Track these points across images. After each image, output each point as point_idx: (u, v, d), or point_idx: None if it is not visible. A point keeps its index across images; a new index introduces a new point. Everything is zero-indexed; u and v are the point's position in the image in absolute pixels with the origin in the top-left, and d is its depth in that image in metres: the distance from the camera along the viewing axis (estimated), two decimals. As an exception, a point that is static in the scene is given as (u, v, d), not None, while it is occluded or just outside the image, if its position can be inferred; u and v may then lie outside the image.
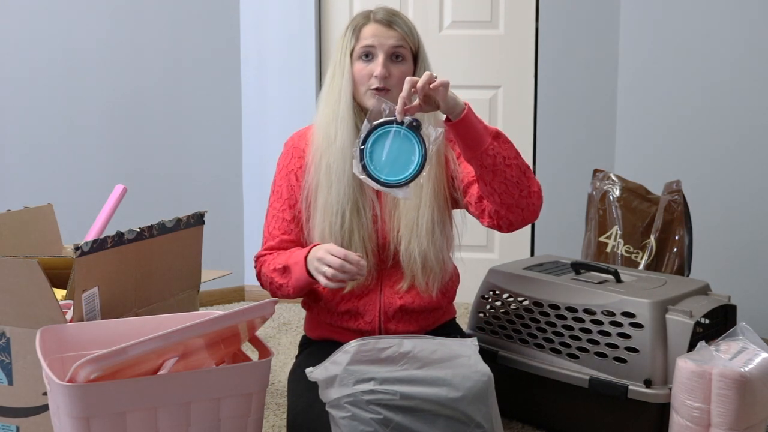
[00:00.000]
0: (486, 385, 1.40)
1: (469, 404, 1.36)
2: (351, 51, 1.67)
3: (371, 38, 1.66)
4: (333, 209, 1.66)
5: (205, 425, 1.28)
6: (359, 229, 1.67)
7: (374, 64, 1.65)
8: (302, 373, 1.67)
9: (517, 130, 3.14)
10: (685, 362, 1.58)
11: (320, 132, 1.70)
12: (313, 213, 1.70)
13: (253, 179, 3.24)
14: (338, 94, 1.68)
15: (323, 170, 1.68)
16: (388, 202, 1.71)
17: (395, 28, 1.67)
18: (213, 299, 3.20)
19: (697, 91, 2.77)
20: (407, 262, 1.70)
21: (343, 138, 1.65)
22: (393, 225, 1.70)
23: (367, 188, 1.68)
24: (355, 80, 1.67)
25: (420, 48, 1.71)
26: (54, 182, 2.98)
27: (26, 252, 1.90)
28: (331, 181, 1.66)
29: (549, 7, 3.02)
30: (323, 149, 1.68)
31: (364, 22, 1.68)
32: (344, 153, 1.65)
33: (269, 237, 1.76)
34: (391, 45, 1.66)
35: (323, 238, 1.67)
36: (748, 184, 2.68)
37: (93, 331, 1.43)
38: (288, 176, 1.76)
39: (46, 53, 2.94)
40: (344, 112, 1.67)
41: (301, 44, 3.15)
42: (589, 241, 2.42)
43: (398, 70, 1.66)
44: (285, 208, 1.75)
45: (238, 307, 1.32)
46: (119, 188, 2.11)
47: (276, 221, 1.76)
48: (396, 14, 1.70)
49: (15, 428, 1.51)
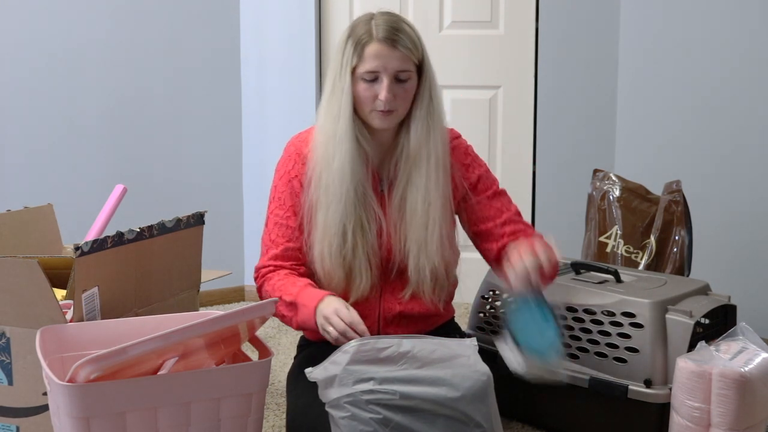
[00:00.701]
0: (485, 385, 1.40)
1: (468, 404, 1.36)
2: (353, 68, 1.62)
3: (375, 61, 1.60)
4: (332, 230, 1.63)
5: (205, 425, 1.29)
6: (363, 245, 1.65)
7: (379, 86, 1.60)
8: (301, 373, 1.67)
9: (517, 130, 3.14)
10: (685, 362, 1.58)
11: (319, 149, 1.66)
12: (312, 229, 1.67)
13: (253, 180, 3.23)
14: (337, 113, 1.63)
15: (322, 189, 1.65)
16: (392, 214, 1.69)
17: (399, 48, 1.60)
18: (213, 299, 3.20)
19: (697, 91, 2.77)
20: (416, 278, 1.69)
21: (342, 159, 1.62)
22: (399, 238, 1.68)
23: (371, 203, 1.67)
24: (358, 99, 1.63)
25: (424, 58, 1.66)
26: (54, 182, 2.97)
27: (26, 252, 1.90)
28: (329, 202, 1.64)
29: (549, 7, 3.02)
30: (322, 167, 1.65)
31: (366, 39, 1.61)
32: (343, 173, 1.62)
33: (271, 245, 1.71)
34: (396, 68, 1.60)
35: (322, 259, 1.65)
36: (748, 184, 2.68)
37: (93, 331, 1.43)
38: (291, 182, 1.71)
39: (46, 53, 2.94)
40: (343, 132, 1.62)
41: (301, 44, 3.15)
42: (589, 241, 2.42)
43: (403, 90, 1.63)
44: (289, 215, 1.70)
45: (238, 307, 1.32)
46: (119, 188, 2.11)
47: (279, 228, 1.71)
48: (398, 29, 1.62)
49: (15, 428, 1.51)
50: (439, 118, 1.69)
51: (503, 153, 3.15)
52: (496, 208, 1.75)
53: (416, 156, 1.66)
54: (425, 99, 1.66)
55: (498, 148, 3.15)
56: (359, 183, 1.64)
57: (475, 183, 1.76)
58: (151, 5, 3.05)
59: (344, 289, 1.68)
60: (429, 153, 1.66)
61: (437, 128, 1.67)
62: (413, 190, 1.66)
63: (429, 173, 1.65)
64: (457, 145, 1.77)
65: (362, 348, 1.36)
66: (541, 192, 3.12)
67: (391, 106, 1.62)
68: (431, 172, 1.66)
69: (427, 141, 1.65)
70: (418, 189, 1.66)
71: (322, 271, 1.67)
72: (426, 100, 1.66)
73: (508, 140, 3.15)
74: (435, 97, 1.68)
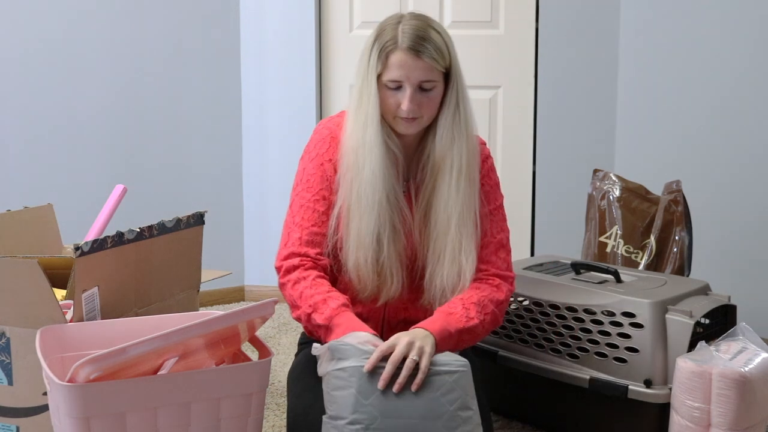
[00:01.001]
0: (463, 374, 1.42)
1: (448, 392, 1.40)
2: (378, 75, 1.59)
3: (398, 70, 1.57)
4: (366, 240, 1.60)
5: (205, 425, 1.29)
6: (396, 248, 1.62)
7: (402, 95, 1.58)
8: (301, 372, 1.67)
9: (517, 130, 3.15)
10: (685, 362, 1.58)
11: (350, 155, 1.62)
12: (345, 237, 1.63)
13: (253, 179, 3.23)
14: (365, 120, 1.60)
15: (354, 196, 1.61)
16: (418, 219, 1.66)
17: (423, 58, 1.56)
18: (213, 299, 3.20)
19: (697, 91, 2.77)
20: (429, 286, 1.65)
21: (372, 167, 1.59)
22: (423, 244, 1.66)
23: (402, 206, 1.64)
24: (384, 105, 1.60)
25: (452, 64, 1.62)
26: (54, 182, 2.97)
27: (26, 252, 1.90)
28: (362, 212, 1.60)
29: (549, 7, 3.02)
30: (353, 174, 1.61)
31: (392, 47, 1.57)
32: (375, 181, 1.59)
33: (296, 228, 1.63)
34: (419, 79, 1.57)
35: (357, 268, 1.61)
36: (748, 184, 2.68)
37: (93, 331, 1.43)
38: (323, 165, 1.65)
39: (45, 53, 2.94)
40: (372, 139, 1.59)
41: (301, 44, 3.15)
42: (589, 241, 2.42)
43: (427, 98, 1.59)
44: (317, 199, 1.64)
45: (238, 307, 1.32)
46: (119, 188, 2.11)
47: (305, 211, 1.64)
48: (425, 39, 1.56)
49: (15, 428, 1.51)
50: (466, 126, 1.64)
51: (503, 153, 3.15)
52: (483, 228, 1.69)
53: (441, 163, 1.62)
54: (451, 106, 1.62)
55: (498, 148, 3.15)
56: (391, 188, 1.61)
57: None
58: (151, 5, 3.05)
59: (376, 293, 1.65)
60: (453, 162, 1.61)
61: (463, 136, 1.63)
62: (438, 197, 1.63)
63: (451, 182, 1.61)
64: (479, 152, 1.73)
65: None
66: (541, 192, 3.12)
67: (414, 114, 1.59)
68: (453, 181, 1.61)
69: (450, 149, 1.62)
70: (441, 197, 1.62)
71: (357, 279, 1.63)
72: (452, 107, 1.62)
73: (508, 140, 3.15)
74: (462, 105, 1.63)
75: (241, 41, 3.18)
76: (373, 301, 1.67)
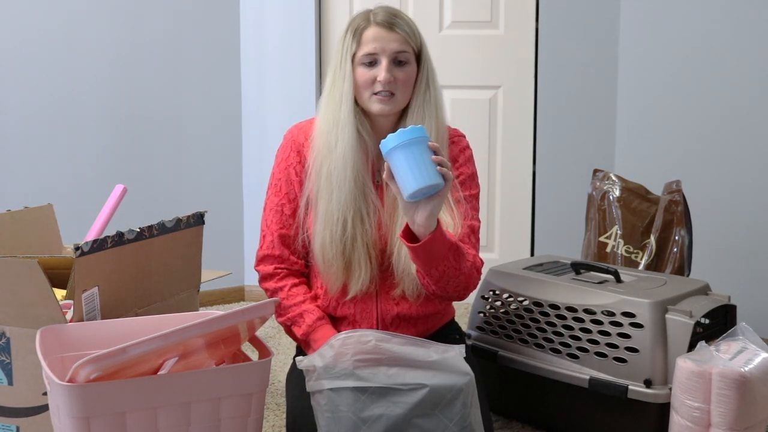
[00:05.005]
0: (465, 386, 1.39)
1: (447, 406, 1.37)
2: (352, 56, 1.65)
3: (373, 43, 1.63)
4: (333, 217, 1.64)
5: (205, 425, 1.29)
6: (362, 236, 1.65)
7: (378, 69, 1.63)
8: (299, 374, 1.67)
9: (517, 130, 3.15)
10: (685, 362, 1.58)
11: (321, 138, 1.68)
12: (313, 220, 1.68)
13: (253, 179, 3.23)
14: (339, 99, 1.66)
15: (324, 177, 1.66)
16: (388, 205, 1.69)
17: (397, 30, 1.64)
18: (213, 299, 3.20)
19: (697, 92, 2.77)
20: (400, 276, 1.67)
21: (344, 145, 1.64)
22: (393, 229, 1.68)
23: (370, 194, 1.67)
24: (358, 85, 1.65)
25: (422, 48, 1.69)
26: (54, 182, 2.97)
27: (26, 252, 1.90)
28: (332, 189, 1.64)
29: (549, 7, 3.02)
30: (324, 155, 1.66)
31: (364, 25, 1.65)
32: (345, 160, 1.63)
33: (267, 231, 1.73)
34: (394, 50, 1.63)
35: (323, 247, 1.65)
36: (748, 184, 2.68)
37: (93, 331, 1.43)
38: (287, 170, 1.74)
39: (45, 53, 2.94)
40: (345, 118, 1.64)
41: (301, 44, 3.15)
42: (589, 241, 2.42)
43: (402, 73, 1.65)
44: (284, 203, 1.72)
45: (238, 307, 1.32)
46: (119, 188, 2.11)
47: (275, 215, 1.73)
48: (396, 14, 1.67)
49: (15, 428, 1.51)
50: (436, 108, 1.69)
51: (503, 153, 3.15)
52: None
53: None
54: (422, 87, 1.68)
55: (498, 148, 3.15)
56: (359, 173, 1.65)
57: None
58: (151, 5, 3.05)
59: (344, 282, 1.68)
60: None
61: (433, 117, 1.67)
62: None
63: None
64: (457, 142, 1.77)
65: (347, 341, 1.38)
66: (541, 192, 3.12)
67: (391, 88, 1.63)
68: None
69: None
70: None
71: (323, 263, 1.67)
72: (423, 88, 1.68)
73: (508, 140, 3.15)
74: (433, 88, 1.70)
75: (241, 41, 3.19)
76: (342, 293, 1.68)
